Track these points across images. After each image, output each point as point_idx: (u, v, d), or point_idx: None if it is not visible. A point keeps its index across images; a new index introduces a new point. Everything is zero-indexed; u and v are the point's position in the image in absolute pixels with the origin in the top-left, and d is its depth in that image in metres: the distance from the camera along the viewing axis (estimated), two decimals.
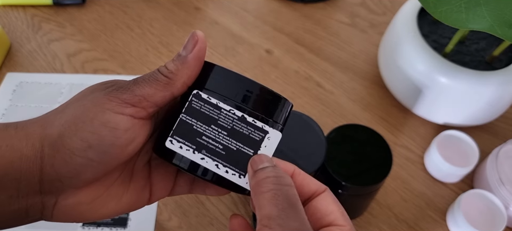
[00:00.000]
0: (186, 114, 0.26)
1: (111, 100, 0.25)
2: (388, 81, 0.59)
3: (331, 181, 0.43)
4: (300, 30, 0.69)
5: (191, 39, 0.26)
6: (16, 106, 0.60)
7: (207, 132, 0.26)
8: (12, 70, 0.64)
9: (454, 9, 0.37)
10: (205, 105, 0.26)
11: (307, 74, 0.64)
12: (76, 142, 0.24)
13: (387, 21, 0.70)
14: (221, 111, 0.26)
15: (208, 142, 0.26)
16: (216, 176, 0.26)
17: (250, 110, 0.26)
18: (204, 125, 0.26)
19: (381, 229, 0.50)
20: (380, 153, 0.44)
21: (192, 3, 0.73)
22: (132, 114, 0.25)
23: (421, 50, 0.52)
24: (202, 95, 0.26)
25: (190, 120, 0.26)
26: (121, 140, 0.25)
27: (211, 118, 0.26)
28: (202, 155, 0.26)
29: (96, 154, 0.24)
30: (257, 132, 0.26)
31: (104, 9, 0.72)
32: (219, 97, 0.26)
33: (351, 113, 0.60)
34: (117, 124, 0.24)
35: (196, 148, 0.26)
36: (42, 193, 0.25)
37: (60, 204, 0.26)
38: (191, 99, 0.27)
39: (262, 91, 0.27)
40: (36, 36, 0.68)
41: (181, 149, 0.26)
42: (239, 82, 0.26)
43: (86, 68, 0.64)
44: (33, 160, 0.24)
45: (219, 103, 0.26)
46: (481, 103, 0.52)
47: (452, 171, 0.51)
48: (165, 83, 0.25)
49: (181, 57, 0.26)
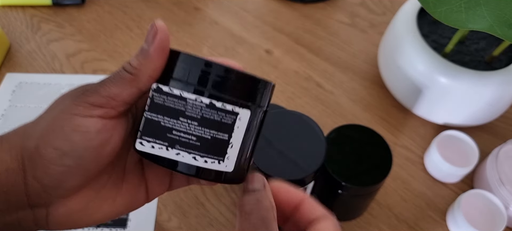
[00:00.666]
0: (150, 112, 0.25)
1: (78, 105, 0.24)
2: (388, 81, 0.59)
3: (331, 181, 0.43)
4: (300, 30, 0.69)
5: (151, 30, 0.25)
6: (15, 106, 0.60)
7: (176, 125, 0.25)
8: (11, 71, 0.64)
9: (454, 9, 0.37)
10: (168, 98, 0.25)
11: (307, 75, 0.64)
12: (51, 151, 0.24)
13: (387, 21, 0.70)
14: (187, 101, 0.24)
15: (180, 135, 0.25)
16: (195, 168, 0.25)
17: (218, 95, 0.25)
18: (171, 119, 0.25)
19: (381, 229, 0.50)
20: (380, 153, 0.44)
21: (191, 3, 0.73)
22: (101, 116, 0.24)
23: (421, 50, 0.52)
24: (163, 89, 0.25)
25: (156, 117, 0.25)
26: (94, 142, 0.24)
27: (178, 110, 0.25)
28: (176, 151, 0.25)
29: (72, 160, 0.24)
30: (228, 116, 0.25)
31: (104, 9, 0.72)
32: (184, 86, 0.25)
33: (351, 114, 0.59)
34: (87, 127, 0.24)
35: (168, 144, 0.25)
36: (32, 207, 0.25)
37: (52, 214, 0.26)
38: (152, 96, 0.25)
39: (230, 74, 0.25)
40: (36, 37, 0.68)
41: (153, 148, 0.25)
42: (205, 68, 0.25)
43: (85, 69, 0.64)
44: (18, 172, 0.24)
45: (183, 93, 0.24)
46: (481, 104, 0.52)
47: (452, 171, 0.51)
48: (130, 80, 0.25)
49: (143, 51, 0.25)
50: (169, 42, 0.25)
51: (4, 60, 0.65)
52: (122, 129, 0.26)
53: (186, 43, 0.66)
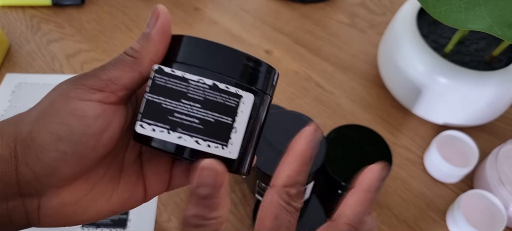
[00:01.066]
0: (152, 93, 0.24)
1: (76, 88, 0.23)
2: (387, 81, 0.59)
3: (331, 181, 0.43)
4: (300, 30, 0.69)
5: (153, 14, 0.25)
6: (15, 107, 0.60)
7: (178, 107, 0.24)
8: (11, 71, 0.64)
9: (454, 9, 0.37)
10: (170, 79, 0.24)
11: (307, 75, 0.64)
12: (45, 135, 0.23)
13: (387, 21, 0.70)
14: (189, 83, 0.24)
15: (182, 118, 0.24)
16: (197, 152, 0.24)
17: (222, 76, 0.24)
18: (173, 101, 0.24)
19: (381, 229, 0.50)
20: (380, 153, 0.44)
21: (191, 3, 0.73)
22: (100, 100, 0.23)
23: (420, 51, 0.52)
24: (164, 69, 0.24)
25: (157, 99, 0.24)
26: (92, 128, 0.23)
27: (180, 91, 0.24)
28: (178, 134, 0.24)
29: (68, 145, 0.23)
30: (232, 98, 0.24)
31: (103, 10, 0.72)
32: (186, 68, 0.24)
33: (351, 114, 0.59)
34: (85, 111, 0.23)
35: (170, 127, 0.24)
36: (22, 196, 0.24)
37: (44, 206, 0.24)
38: (153, 77, 0.24)
39: (234, 55, 0.24)
40: (35, 37, 0.68)
41: (154, 131, 0.24)
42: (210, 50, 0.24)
43: (85, 69, 0.64)
44: (9, 160, 0.23)
45: (185, 74, 0.24)
46: (481, 104, 0.52)
47: (452, 171, 0.51)
48: (131, 63, 0.24)
49: (145, 35, 0.25)
50: (171, 26, 0.25)
51: (4, 60, 0.65)
52: (121, 116, 0.25)
53: None
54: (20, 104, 0.60)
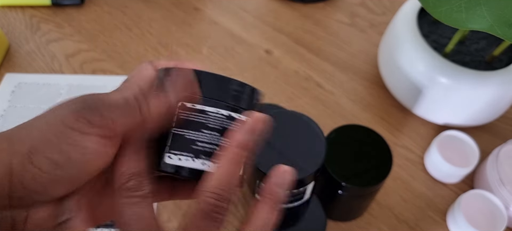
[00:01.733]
0: (177, 128, 0.27)
1: (77, 120, 0.24)
2: (388, 81, 0.59)
3: (331, 182, 0.43)
4: (300, 30, 0.69)
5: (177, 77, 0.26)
6: (14, 107, 0.60)
7: (200, 137, 0.27)
8: (10, 71, 0.64)
9: (454, 9, 0.37)
10: (192, 113, 0.27)
11: (307, 75, 0.64)
12: (44, 161, 0.24)
13: (387, 21, 0.70)
14: (208, 115, 0.27)
15: (204, 146, 0.27)
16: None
17: (236, 107, 0.28)
18: (195, 132, 0.27)
19: (381, 229, 0.50)
20: (380, 153, 0.44)
21: (191, 3, 0.73)
22: (100, 134, 0.24)
23: (421, 50, 0.52)
24: (187, 105, 0.27)
25: (181, 131, 0.27)
26: (91, 159, 0.24)
27: (200, 123, 0.27)
28: (202, 160, 0.27)
29: (65, 172, 0.24)
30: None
31: (103, 10, 0.72)
32: (204, 101, 0.27)
33: (351, 114, 0.59)
34: (85, 146, 0.24)
35: (194, 155, 0.27)
36: (12, 207, 0.24)
37: (31, 217, 0.25)
38: (178, 113, 0.27)
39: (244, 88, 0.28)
40: (35, 37, 0.68)
41: (180, 160, 0.27)
42: (220, 83, 0.28)
43: (84, 69, 0.64)
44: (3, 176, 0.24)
45: (204, 108, 0.27)
46: (481, 104, 0.52)
47: (452, 171, 0.51)
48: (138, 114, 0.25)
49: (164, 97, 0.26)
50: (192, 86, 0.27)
51: (4, 60, 0.65)
52: (118, 143, 0.26)
53: (185, 44, 0.66)
54: (20, 105, 0.60)
